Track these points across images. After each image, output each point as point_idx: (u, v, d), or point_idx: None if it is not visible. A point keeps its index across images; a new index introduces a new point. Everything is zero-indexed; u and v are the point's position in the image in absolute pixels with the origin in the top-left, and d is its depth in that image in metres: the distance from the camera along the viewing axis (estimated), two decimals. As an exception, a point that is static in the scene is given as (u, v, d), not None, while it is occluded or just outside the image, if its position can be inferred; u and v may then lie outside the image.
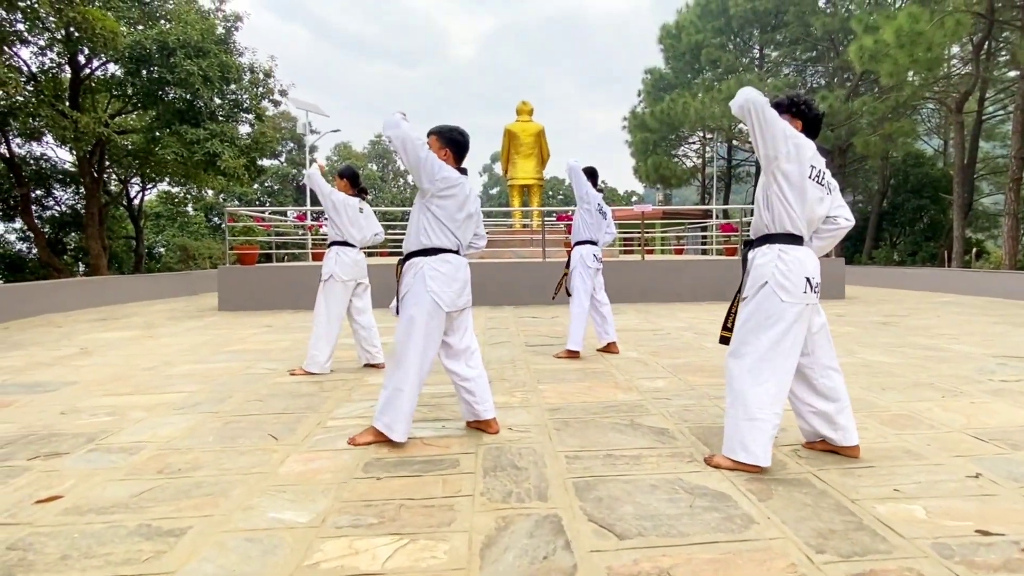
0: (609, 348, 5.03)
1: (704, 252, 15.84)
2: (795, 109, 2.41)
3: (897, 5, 20.01)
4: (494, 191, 64.86)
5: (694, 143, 31.76)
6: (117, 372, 4.51)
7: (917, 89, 17.72)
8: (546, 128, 13.62)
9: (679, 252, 16.76)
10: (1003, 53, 18.00)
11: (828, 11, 23.47)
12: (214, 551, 1.80)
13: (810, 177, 2.30)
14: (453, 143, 2.79)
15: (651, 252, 16.37)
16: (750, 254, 2.45)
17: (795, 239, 2.35)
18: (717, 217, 18.43)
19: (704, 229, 16.99)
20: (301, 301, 8.82)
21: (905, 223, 24.32)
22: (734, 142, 29.40)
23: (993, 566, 1.64)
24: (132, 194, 21.00)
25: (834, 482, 2.23)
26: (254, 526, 1.96)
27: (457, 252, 2.79)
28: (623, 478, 2.31)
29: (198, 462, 2.56)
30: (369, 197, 4.68)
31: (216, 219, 26.76)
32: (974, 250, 20.72)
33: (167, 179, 18.54)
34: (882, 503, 2.05)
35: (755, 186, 30.56)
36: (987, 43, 17.00)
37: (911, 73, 16.12)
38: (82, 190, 17.17)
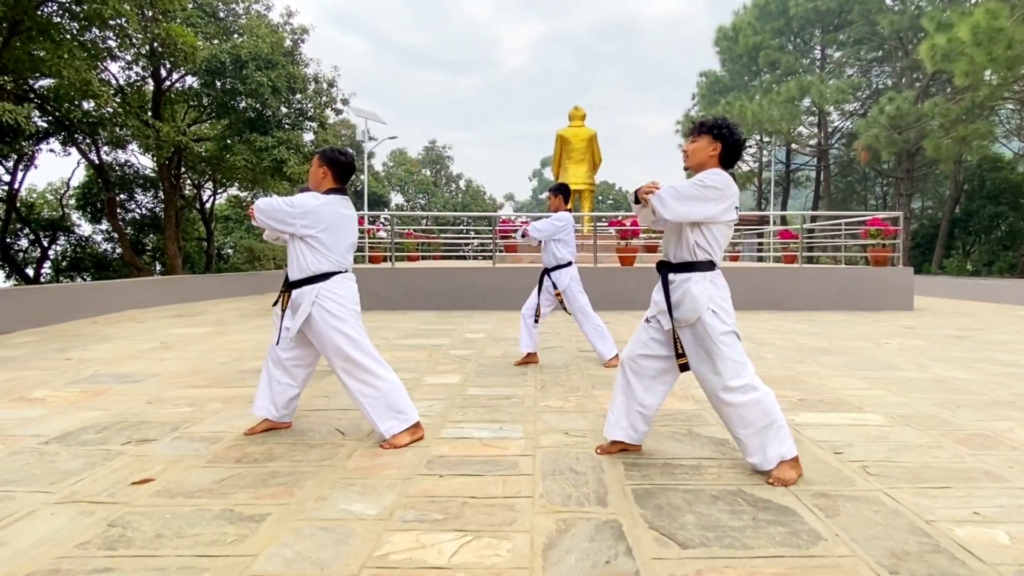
0: (530, 358, 4.91)
1: (760, 259, 15.39)
2: (716, 132, 2.37)
3: (973, 1, 18.89)
4: (543, 196, 64.95)
5: (751, 147, 30.86)
6: (194, 366, 4.82)
7: (995, 89, 16.66)
8: (598, 133, 13.59)
9: (734, 259, 16.32)
10: (1097, 49, 16.64)
11: (896, 9, 22.42)
12: (292, 538, 1.92)
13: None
14: (331, 162, 2.87)
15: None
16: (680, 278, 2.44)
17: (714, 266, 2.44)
18: (774, 223, 17.87)
19: (760, 236, 16.49)
20: (363, 302, 9.12)
21: (980, 231, 22.85)
22: (793, 146, 28.39)
23: (1086, 598, 1.56)
24: (204, 198, 22.27)
25: (906, 501, 2.16)
26: (327, 516, 2.08)
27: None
28: (683, 487, 2.30)
29: (272, 453, 2.72)
30: None
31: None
32: (1061, 261, 19.20)
33: (236, 184, 19.54)
34: (960, 526, 1.96)
35: (816, 192, 29.10)
36: (1078, 38, 15.78)
37: (988, 72, 15.18)
38: (161, 194, 18.35)
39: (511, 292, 9.23)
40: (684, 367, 2.47)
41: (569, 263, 4.85)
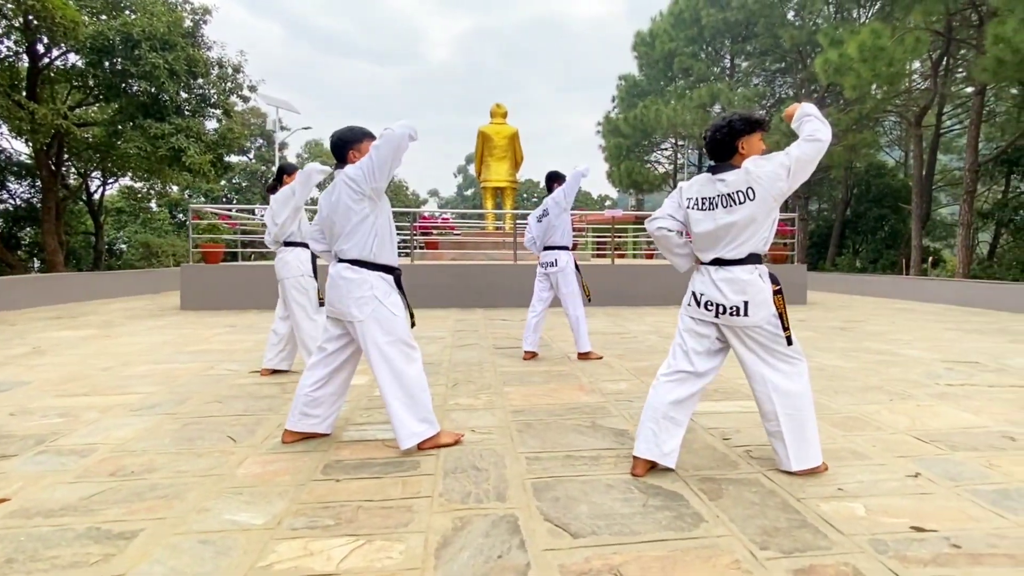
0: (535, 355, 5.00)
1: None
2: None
3: (861, 21, 20.69)
4: (468, 192, 64.77)
5: (666, 149, 32.27)
6: (72, 372, 4.38)
7: (879, 102, 18.31)
8: (522, 131, 13.68)
9: (649, 256, 17.01)
10: (960, 70, 18.75)
11: (796, 24, 24.11)
12: (166, 553, 1.78)
13: (690, 208, 2.43)
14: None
15: (622, 256, 16.58)
16: None
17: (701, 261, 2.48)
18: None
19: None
20: (267, 301, 8.68)
21: (867, 231, 25.12)
22: (704, 150, 29.96)
23: (923, 560, 1.73)
24: (92, 189, 20.33)
25: (782, 482, 2.31)
26: (208, 528, 1.95)
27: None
28: (581, 478, 2.35)
29: (153, 464, 2.52)
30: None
31: (181, 216, 26.11)
32: (930, 258, 21.50)
33: (129, 174, 17.99)
34: (826, 501, 2.13)
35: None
36: (945, 60, 17.70)
37: (874, 87, 16.66)
38: (38, 183, 16.56)
39: (429, 289, 9.12)
40: None
41: (566, 247, 4.82)
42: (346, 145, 2.72)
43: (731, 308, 2.30)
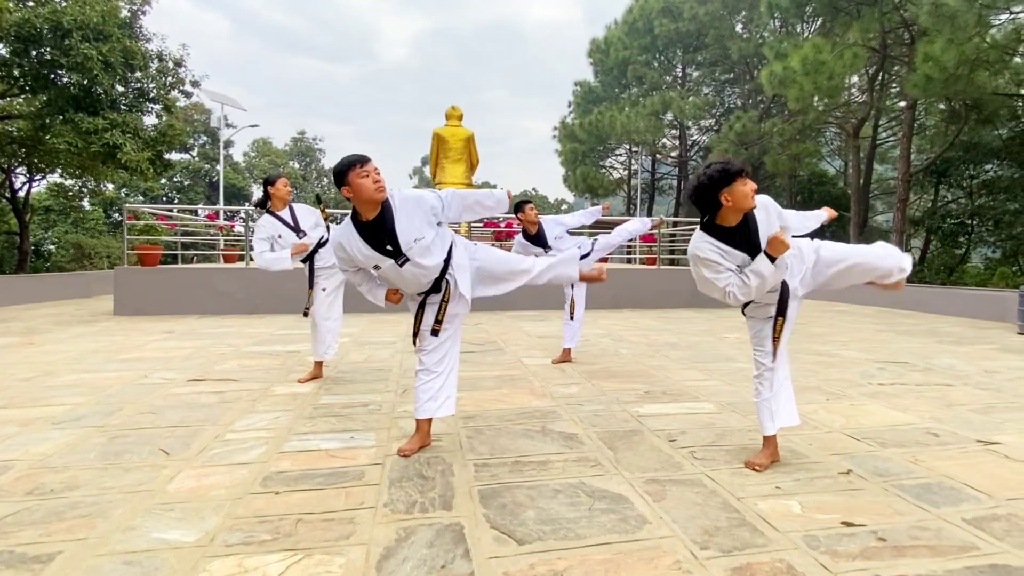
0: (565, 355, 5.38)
1: (628, 261, 16.41)
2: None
3: (804, 35, 21.64)
4: (425, 195, 64.13)
5: (620, 155, 32.87)
6: (-12, 383, 4.08)
7: (820, 114, 19.18)
8: (479, 134, 13.66)
9: (603, 262, 17.24)
10: (894, 85, 19.85)
11: (744, 36, 25.01)
12: (85, 577, 1.67)
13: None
14: None
15: (577, 259, 16.71)
16: None
17: None
18: (640, 227, 19.19)
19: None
20: (208, 305, 8.32)
21: (810, 237, 26.27)
22: (657, 156, 30.69)
23: (852, 555, 1.80)
24: (16, 185, 19.02)
25: (723, 481, 2.37)
26: (134, 548, 1.84)
27: None
28: (528, 484, 2.34)
29: (75, 481, 2.36)
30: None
31: (116, 215, 24.74)
32: (866, 263, 22.56)
33: (59, 170, 16.92)
34: (764, 500, 2.20)
35: (677, 199, 31.65)
36: (880, 75, 18.71)
37: (815, 99, 17.42)
38: (-44, 179, 15.37)
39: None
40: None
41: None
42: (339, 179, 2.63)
43: None
